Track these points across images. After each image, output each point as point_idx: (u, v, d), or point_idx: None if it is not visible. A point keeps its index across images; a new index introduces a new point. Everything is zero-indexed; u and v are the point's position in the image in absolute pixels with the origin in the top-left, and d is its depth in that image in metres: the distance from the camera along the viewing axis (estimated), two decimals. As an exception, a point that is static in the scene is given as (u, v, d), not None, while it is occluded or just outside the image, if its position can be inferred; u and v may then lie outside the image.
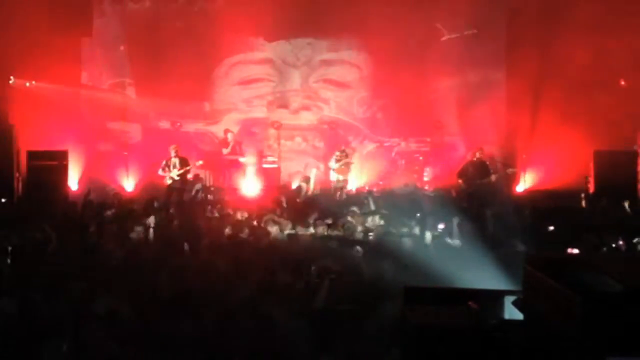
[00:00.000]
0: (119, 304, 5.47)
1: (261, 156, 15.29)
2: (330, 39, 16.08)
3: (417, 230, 9.16)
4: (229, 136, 14.89)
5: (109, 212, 10.44)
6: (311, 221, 9.66)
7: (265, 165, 15.03)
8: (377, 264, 6.68)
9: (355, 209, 10.60)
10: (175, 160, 13.55)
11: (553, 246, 7.74)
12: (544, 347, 3.45)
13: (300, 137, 16.05)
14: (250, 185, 14.67)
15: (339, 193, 13.60)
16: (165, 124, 15.89)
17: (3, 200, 12.54)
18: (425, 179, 14.96)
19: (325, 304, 5.30)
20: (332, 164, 14.19)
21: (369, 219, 9.92)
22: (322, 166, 15.15)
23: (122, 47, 15.83)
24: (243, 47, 16.18)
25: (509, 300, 4.25)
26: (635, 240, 7.65)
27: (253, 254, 7.48)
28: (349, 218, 9.82)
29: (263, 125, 16.05)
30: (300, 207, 11.88)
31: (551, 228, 8.58)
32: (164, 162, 13.65)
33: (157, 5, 16.06)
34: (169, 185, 13.44)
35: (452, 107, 15.30)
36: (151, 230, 8.78)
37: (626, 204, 10.80)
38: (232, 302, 5.53)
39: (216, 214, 10.98)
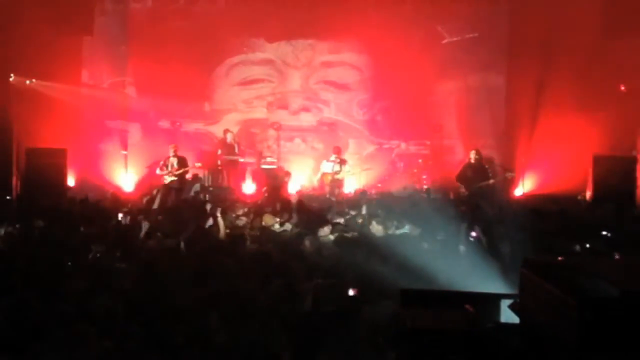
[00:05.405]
0: (116, 303, 5.46)
1: (260, 157, 15.29)
2: (331, 40, 16.10)
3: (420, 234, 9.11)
4: (229, 136, 14.89)
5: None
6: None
7: (264, 166, 15.01)
8: (373, 266, 6.67)
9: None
10: (174, 160, 13.51)
11: (550, 250, 7.73)
12: (540, 351, 3.45)
13: (299, 138, 16.06)
14: (249, 186, 14.68)
15: (336, 191, 13.61)
16: (165, 124, 15.90)
17: (7, 197, 12.54)
18: (424, 181, 14.95)
19: (313, 307, 5.28)
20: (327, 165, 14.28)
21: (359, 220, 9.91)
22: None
23: (123, 46, 15.86)
24: (244, 48, 16.21)
25: (505, 303, 4.24)
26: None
27: (250, 255, 7.47)
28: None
29: (263, 126, 16.07)
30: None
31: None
32: (162, 162, 13.63)
33: (159, 5, 16.08)
34: (167, 185, 13.38)
35: (452, 110, 15.34)
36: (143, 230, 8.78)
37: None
38: (228, 302, 5.52)
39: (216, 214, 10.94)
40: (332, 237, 8.78)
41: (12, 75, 13.89)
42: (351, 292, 5.58)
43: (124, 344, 4.66)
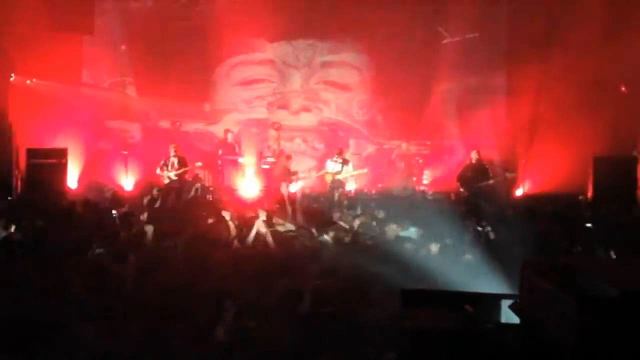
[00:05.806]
0: (115, 302, 5.46)
1: (260, 157, 15.28)
2: (331, 40, 16.11)
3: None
4: (229, 136, 14.89)
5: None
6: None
7: (264, 166, 15.00)
8: (371, 267, 6.66)
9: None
10: (174, 160, 13.51)
11: (551, 250, 7.73)
12: (541, 351, 3.44)
13: (300, 139, 16.07)
14: (248, 186, 14.67)
15: (336, 194, 13.58)
16: (165, 124, 15.91)
17: (7, 197, 12.52)
18: (425, 182, 14.95)
19: (311, 308, 5.29)
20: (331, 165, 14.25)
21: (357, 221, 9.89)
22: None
23: (123, 46, 15.84)
24: (244, 48, 16.21)
25: (505, 304, 4.23)
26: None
27: (249, 255, 7.47)
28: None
29: (263, 126, 16.06)
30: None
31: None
32: (162, 161, 13.63)
33: (159, 5, 16.09)
34: (167, 185, 13.38)
35: (453, 110, 15.33)
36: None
37: None
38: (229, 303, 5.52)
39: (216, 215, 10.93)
40: (328, 237, 8.78)
41: (12, 75, 13.88)
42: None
43: (124, 344, 4.67)
